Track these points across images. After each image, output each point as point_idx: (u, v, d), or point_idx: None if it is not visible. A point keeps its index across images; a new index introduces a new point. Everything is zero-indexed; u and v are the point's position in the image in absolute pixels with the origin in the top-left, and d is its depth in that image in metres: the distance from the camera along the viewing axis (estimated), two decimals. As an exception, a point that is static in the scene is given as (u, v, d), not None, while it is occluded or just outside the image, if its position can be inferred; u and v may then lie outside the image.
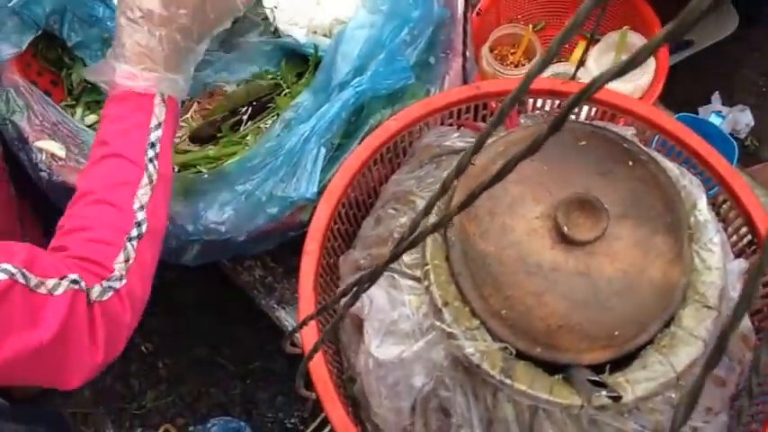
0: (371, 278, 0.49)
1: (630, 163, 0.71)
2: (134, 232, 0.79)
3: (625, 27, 1.16)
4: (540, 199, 0.69)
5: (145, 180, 0.81)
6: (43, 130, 0.99)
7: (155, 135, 0.83)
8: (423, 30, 0.99)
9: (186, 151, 1.07)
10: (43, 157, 0.98)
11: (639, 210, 0.69)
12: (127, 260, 0.77)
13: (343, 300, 0.54)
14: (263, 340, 1.48)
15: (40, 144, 0.98)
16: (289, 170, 0.95)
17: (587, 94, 0.35)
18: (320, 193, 0.88)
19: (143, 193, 0.80)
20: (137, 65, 0.84)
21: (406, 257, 0.74)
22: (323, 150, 0.95)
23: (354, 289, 0.51)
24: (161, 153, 0.83)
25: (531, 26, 1.21)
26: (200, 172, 1.04)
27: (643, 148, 0.74)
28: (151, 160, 0.82)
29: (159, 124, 0.84)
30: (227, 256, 1.09)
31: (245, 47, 1.18)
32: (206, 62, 1.13)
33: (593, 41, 1.25)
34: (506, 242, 0.68)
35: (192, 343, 1.51)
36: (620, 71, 0.33)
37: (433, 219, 0.71)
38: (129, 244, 0.78)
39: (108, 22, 1.10)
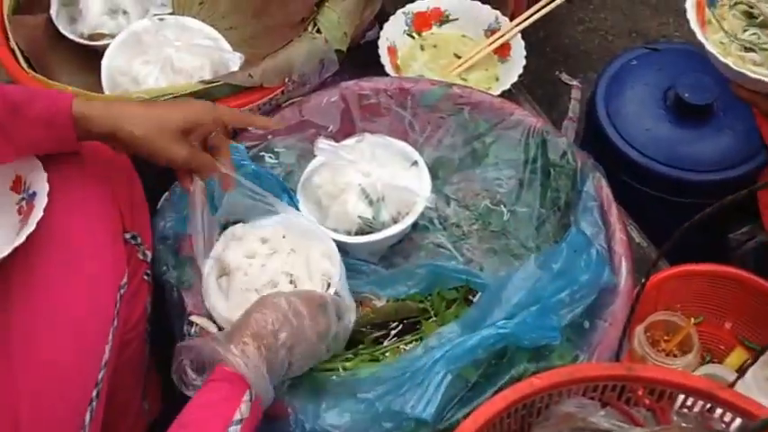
0: None
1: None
2: None
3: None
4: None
5: None
6: (201, 307, 1.05)
7: (233, 429, 0.83)
8: (586, 295, 1.00)
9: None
10: (193, 330, 1.02)
11: None
12: None
13: None
14: None
15: (195, 319, 1.03)
16: (411, 387, 0.96)
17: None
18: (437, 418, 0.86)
19: None
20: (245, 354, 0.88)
21: None
22: (449, 377, 0.96)
23: None
24: None
25: (691, 320, 1.19)
26: (332, 370, 1.06)
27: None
28: None
29: (240, 420, 0.84)
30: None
31: (402, 266, 1.22)
32: (360, 272, 1.18)
33: (752, 351, 1.22)
34: None
35: None
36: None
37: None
38: None
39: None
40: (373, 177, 1.16)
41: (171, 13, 1.36)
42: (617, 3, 2.14)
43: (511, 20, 1.72)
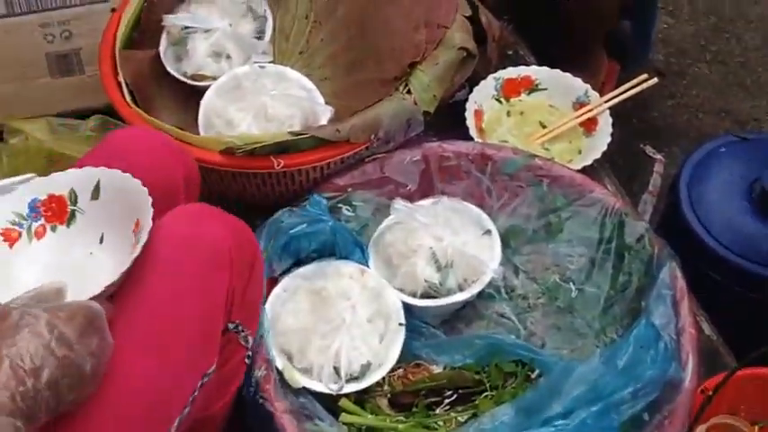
0: None
1: None
2: None
3: None
4: None
5: None
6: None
7: None
8: (650, 392, 0.99)
9: (381, 411, 1.10)
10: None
11: None
12: None
13: None
14: None
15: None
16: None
17: None
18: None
19: None
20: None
21: None
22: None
23: None
24: None
25: (756, 428, 1.16)
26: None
27: None
28: None
29: None
30: None
31: (462, 334, 1.23)
32: (420, 334, 1.19)
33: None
34: None
35: None
36: None
37: None
38: None
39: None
40: (444, 243, 1.18)
41: (271, 62, 1.40)
42: (711, 80, 2.12)
43: (600, 93, 1.72)
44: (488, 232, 1.23)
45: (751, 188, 1.43)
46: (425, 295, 1.19)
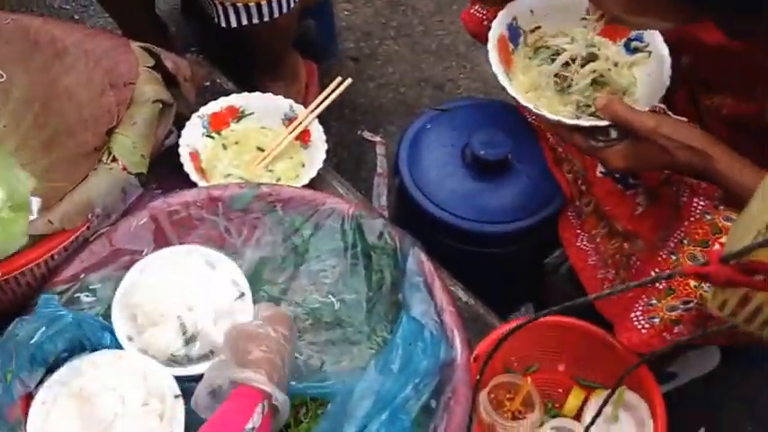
0: None
1: None
2: None
3: (623, 387, 1.21)
4: None
5: None
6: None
7: None
8: (430, 381, 1.03)
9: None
10: None
11: None
12: None
13: None
14: None
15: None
16: None
17: None
18: None
19: None
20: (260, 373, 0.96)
21: None
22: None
23: None
24: None
25: (528, 379, 1.26)
26: None
27: None
28: None
29: (252, 429, 0.91)
30: None
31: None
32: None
33: (590, 389, 1.30)
34: None
35: None
36: None
37: None
38: None
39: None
40: (194, 313, 1.15)
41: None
42: (401, 55, 2.23)
43: (305, 95, 1.75)
44: (242, 296, 1.20)
45: (462, 154, 1.52)
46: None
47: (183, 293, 1.17)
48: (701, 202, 1.12)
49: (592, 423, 0.97)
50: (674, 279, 1.10)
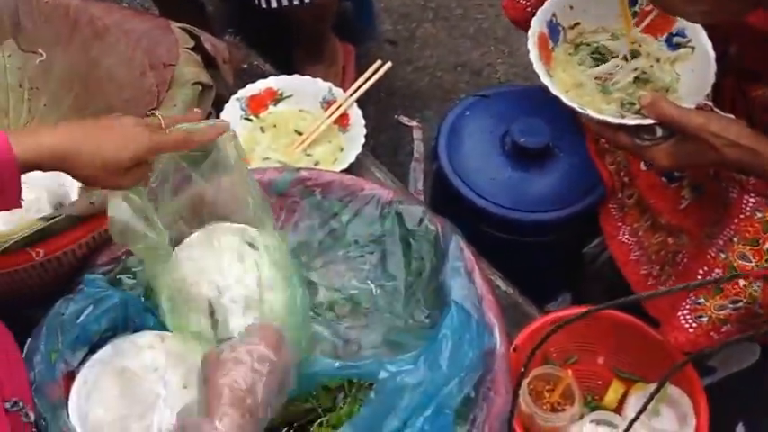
0: None
1: None
2: None
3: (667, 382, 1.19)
4: None
5: None
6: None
7: None
8: (473, 375, 1.02)
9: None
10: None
11: None
12: None
13: None
14: None
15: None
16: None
17: None
18: None
19: None
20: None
21: None
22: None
23: None
24: None
25: (569, 371, 1.24)
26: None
27: None
28: None
29: None
30: None
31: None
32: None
33: (630, 382, 1.28)
34: None
35: None
36: None
37: None
38: None
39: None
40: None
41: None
42: (439, 39, 2.20)
43: (343, 78, 1.74)
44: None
45: (502, 142, 1.50)
46: None
47: (215, 277, 1.16)
48: (752, 200, 1.09)
49: (636, 418, 0.96)
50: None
